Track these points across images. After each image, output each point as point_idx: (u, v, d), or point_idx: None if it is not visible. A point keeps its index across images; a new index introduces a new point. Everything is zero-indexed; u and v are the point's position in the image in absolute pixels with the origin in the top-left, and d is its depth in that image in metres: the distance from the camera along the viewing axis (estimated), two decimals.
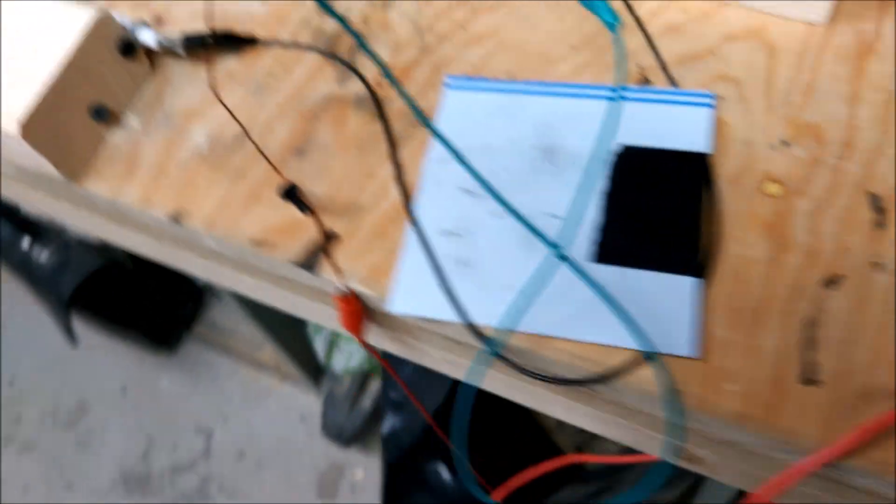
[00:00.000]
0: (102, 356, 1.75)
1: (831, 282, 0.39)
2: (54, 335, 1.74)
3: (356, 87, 0.49)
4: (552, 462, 0.53)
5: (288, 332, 1.41)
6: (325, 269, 0.44)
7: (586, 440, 1.05)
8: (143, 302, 1.66)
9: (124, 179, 0.50)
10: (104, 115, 0.51)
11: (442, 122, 0.46)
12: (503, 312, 0.40)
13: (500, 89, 0.47)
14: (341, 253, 0.44)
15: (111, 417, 1.66)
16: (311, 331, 1.42)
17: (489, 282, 0.42)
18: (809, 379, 0.37)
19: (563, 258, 0.37)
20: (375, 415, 1.45)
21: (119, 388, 1.70)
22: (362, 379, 1.50)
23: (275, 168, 0.46)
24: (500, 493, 0.50)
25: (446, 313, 0.41)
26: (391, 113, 0.48)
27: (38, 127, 0.47)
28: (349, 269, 0.44)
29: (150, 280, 1.64)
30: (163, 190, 0.49)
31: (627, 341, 0.39)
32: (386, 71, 0.48)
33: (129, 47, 0.51)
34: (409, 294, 0.42)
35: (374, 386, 1.52)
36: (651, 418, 0.43)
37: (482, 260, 0.42)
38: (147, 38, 0.52)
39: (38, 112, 0.47)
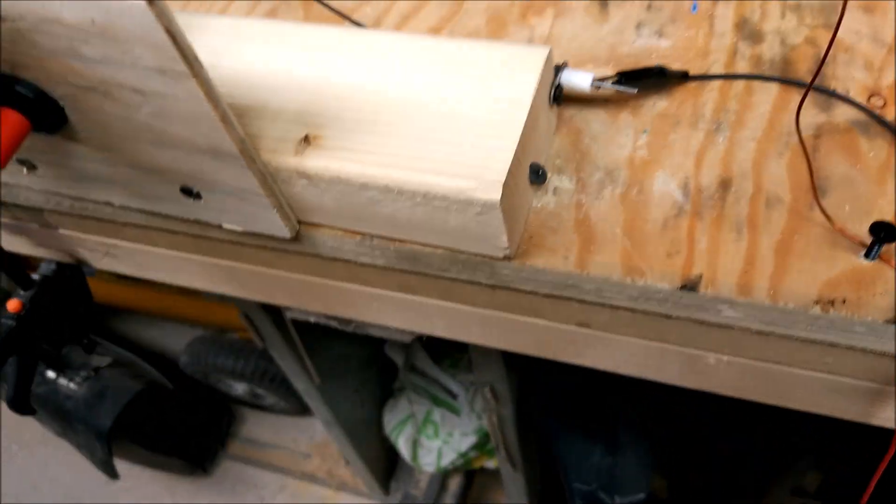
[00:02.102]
0: (126, 487, 1.51)
1: None
2: (67, 469, 1.50)
3: (844, 112, 0.43)
4: None
5: (363, 436, 1.27)
6: None
7: None
8: (181, 422, 1.45)
9: (583, 249, 0.41)
10: (541, 176, 0.42)
11: None
12: None
13: None
14: None
15: None
16: (392, 432, 1.30)
17: None
18: None
19: None
20: None
21: None
22: (441, 478, 1.38)
23: (825, 212, 0.38)
24: None
25: None
26: None
27: (507, 192, 0.37)
28: None
29: (187, 397, 1.44)
30: (647, 255, 0.40)
31: None
32: None
33: (559, 93, 0.43)
34: None
35: (454, 484, 1.39)
36: None
37: None
38: (580, 80, 0.43)
39: (510, 174, 0.37)
